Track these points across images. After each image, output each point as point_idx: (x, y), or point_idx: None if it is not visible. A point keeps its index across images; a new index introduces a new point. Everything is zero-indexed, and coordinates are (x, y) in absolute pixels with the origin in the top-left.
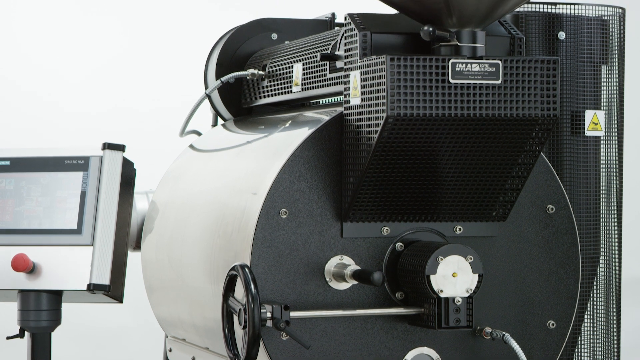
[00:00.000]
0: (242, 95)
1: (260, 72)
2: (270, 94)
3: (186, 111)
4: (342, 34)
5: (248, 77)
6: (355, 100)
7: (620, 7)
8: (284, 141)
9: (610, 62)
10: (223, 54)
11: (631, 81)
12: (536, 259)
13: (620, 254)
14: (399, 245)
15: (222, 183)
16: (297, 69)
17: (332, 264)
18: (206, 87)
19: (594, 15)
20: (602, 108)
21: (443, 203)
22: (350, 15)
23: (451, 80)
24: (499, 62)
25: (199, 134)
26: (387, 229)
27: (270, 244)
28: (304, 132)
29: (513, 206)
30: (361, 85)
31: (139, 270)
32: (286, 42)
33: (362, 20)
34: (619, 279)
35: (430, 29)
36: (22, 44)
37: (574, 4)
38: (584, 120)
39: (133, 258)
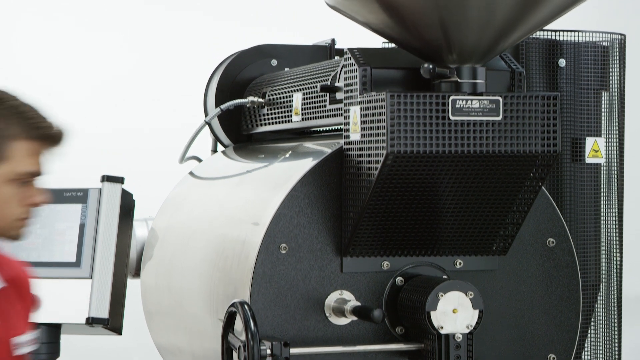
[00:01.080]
0: (242, 122)
1: (260, 100)
2: (270, 122)
3: (185, 133)
4: (342, 66)
5: (248, 105)
6: (355, 136)
7: (621, 34)
8: (284, 174)
9: (611, 88)
10: (223, 80)
11: (632, 107)
12: (537, 292)
13: (620, 281)
14: (399, 279)
15: (221, 213)
16: (297, 99)
17: (332, 299)
18: (206, 111)
19: (594, 42)
20: (602, 135)
21: (443, 238)
22: (350, 50)
23: (451, 117)
24: (499, 98)
25: (199, 160)
26: (387, 264)
27: (270, 279)
28: (303, 166)
29: (514, 240)
30: (361, 121)
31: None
32: (286, 69)
33: (362, 55)
34: (620, 305)
35: (431, 66)
36: (22, 64)
37: (575, 31)
38: (584, 147)
39: (133, 284)
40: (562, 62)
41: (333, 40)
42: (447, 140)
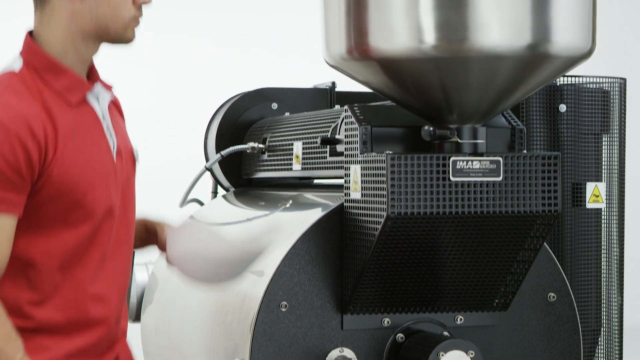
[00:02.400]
0: (242, 166)
1: (260, 146)
2: (271, 168)
3: (185, 169)
4: (342, 118)
5: (248, 151)
6: (355, 194)
7: (621, 78)
8: (284, 230)
9: (612, 132)
10: (223, 123)
11: (632, 151)
12: (537, 347)
13: (621, 326)
14: (399, 336)
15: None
16: (298, 147)
17: (332, 357)
18: (206, 153)
19: (594, 87)
20: (603, 180)
21: (444, 294)
22: (350, 108)
23: (452, 178)
24: (500, 159)
25: (200, 203)
26: (387, 320)
27: (271, 337)
28: (304, 222)
29: (514, 296)
30: (362, 180)
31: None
32: (286, 113)
33: (362, 113)
34: (620, 348)
35: (431, 129)
36: None
37: (575, 76)
38: (585, 192)
39: (133, 329)
40: (563, 107)
41: (333, 84)
42: (448, 202)
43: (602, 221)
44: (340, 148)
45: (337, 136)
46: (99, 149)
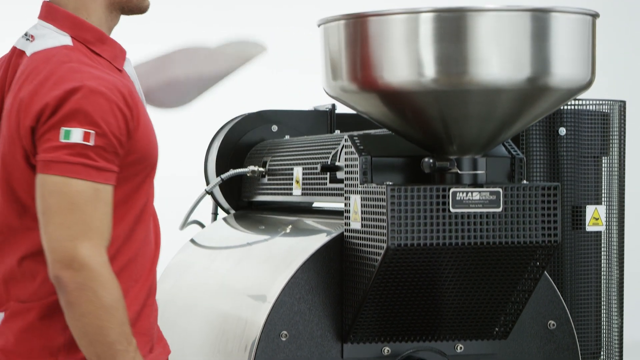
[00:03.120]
0: (242, 189)
1: (261, 169)
2: (271, 192)
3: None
4: (342, 146)
5: (248, 175)
6: (355, 225)
7: (621, 100)
8: (284, 259)
9: (611, 154)
10: (223, 146)
11: (632, 173)
12: None
13: (621, 349)
14: None
15: (223, 291)
16: (298, 173)
17: None
18: (206, 175)
19: (594, 110)
20: (602, 202)
21: (444, 323)
22: (350, 138)
23: (452, 210)
24: (500, 189)
25: (201, 225)
26: (387, 349)
27: None
28: (304, 251)
29: (514, 324)
30: (362, 211)
31: None
32: (286, 136)
33: (362, 142)
34: None
35: (431, 160)
36: None
37: (574, 99)
38: (584, 215)
39: None
40: (562, 131)
41: (333, 106)
42: (448, 233)
43: (602, 244)
44: (340, 175)
45: (337, 163)
46: (146, 109)
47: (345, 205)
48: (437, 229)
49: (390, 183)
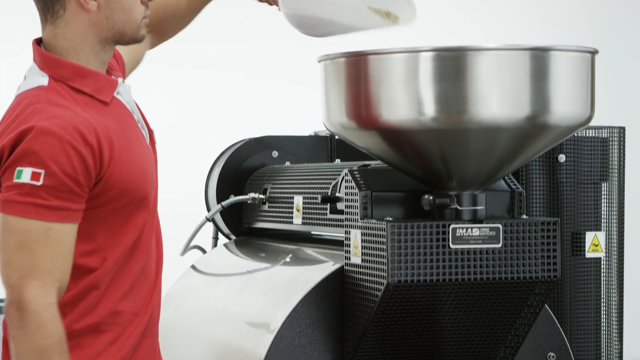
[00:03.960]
0: (243, 215)
1: (261, 196)
2: (271, 220)
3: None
4: (343, 177)
5: (249, 202)
6: (356, 259)
7: (620, 126)
8: (285, 291)
9: (611, 180)
10: (224, 172)
11: (631, 199)
12: None
13: None
14: None
15: (224, 322)
16: (298, 202)
17: None
18: (207, 201)
19: (593, 136)
20: (602, 229)
21: (444, 357)
22: (351, 172)
23: (452, 246)
24: (499, 225)
25: (203, 251)
26: None
27: None
28: (304, 284)
29: (514, 357)
30: (362, 246)
31: None
32: (287, 162)
33: (362, 177)
34: None
35: (431, 198)
36: None
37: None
38: (584, 241)
39: None
40: (562, 158)
41: None
42: (448, 269)
43: (602, 270)
44: (340, 206)
45: (337, 194)
46: (141, 142)
47: (346, 239)
48: (437, 265)
49: (391, 219)
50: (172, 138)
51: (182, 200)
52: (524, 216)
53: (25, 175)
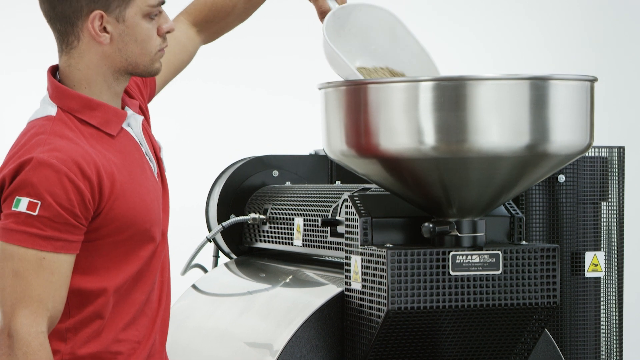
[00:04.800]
0: (243, 234)
1: (262, 217)
2: (272, 240)
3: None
4: (343, 200)
5: (249, 222)
6: (356, 285)
7: (619, 146)
8: (285, 315)
9: (610, 199)
10: (224, 192)
11: (630, 218)
12: None
13: None
14: None
15: (225, 344)
16: (298, 224)
17: None
18: (207, 221)
19: (593, 156)
20: (601, 248)
21: None
22: (351, 198)
23: (452, 273)
24: (499, 252)
25: (204, 270)
26: None
27: None
28: (305, 308)
29: None
30: (362, 272)
31: None
32: (287, 182)
33: (363, 203)
34: None
35: (431, 225)
36: None
37: None
38: (584, 261)
39: None
40: (562, 178)
41: None
42: (447, 296)
43: (602, 290)
44: (341, 229)
45: (337, 217)
46: (146, 175)
47: (346, 264)
48: (437, 292)
49: (391, 245)
50: (173, 152)
51: (182, 215)
52: (524, 242)
53: (22, 204)
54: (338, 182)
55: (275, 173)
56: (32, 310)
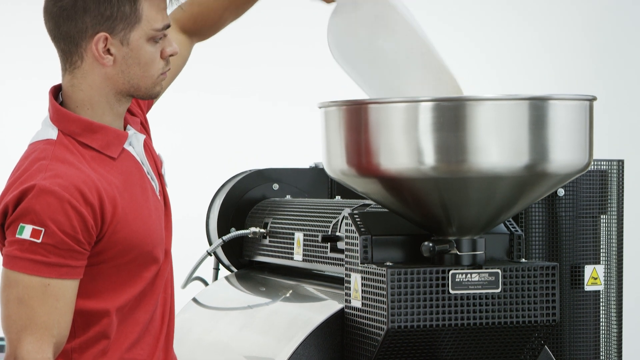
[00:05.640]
0: (244, 247)
1: (262, 231)
2: (272, 254)
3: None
4: (343, 217)
5: (250, 236)
6: (356, 303)
7: (619, 159)
8: (286, 332)
9: (609, 213)
10: (224, 205)
11: (630, 232)
12: None
13: None
14: None
15: (225, 358)
16: (299, 239)
17: None
18: (208, 234)
19: (592, 169)
20: (601, 262)
21: None
22: (351, 216)
23: (451, 291)
24: (499, 271)
25: (205, 283)
26: None
27: None
28: (305, 325)
29: None
30: (362, 290)
31: None
32: (287, 196)
33: (363, 221)
34: None
35: (430, 245)
36: None
37: None
38: (583, 274)
39: None
40: (561, 192)
41: None
42: (447, 314)
43: (601, 303)
44: (341, 245)
45: (337, 233)
46: (147, 196)
47: (346, 282)
48: (437, 310)
49: (391, 264)
50: (174, 164)
51: (182, 227)
52: (523, 260)
53: (26, 232)
54: (338, 197)
55: (276, 186)
56: (37, 337)
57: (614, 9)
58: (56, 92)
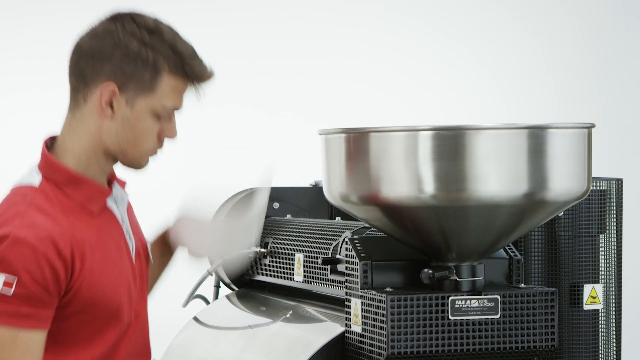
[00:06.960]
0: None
1: (262, 250)
2: (272, 274)
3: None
4: (343, 239)
5: (250, 256)
6: (356, 327)
7: (618, 178)
8: (287, 355)
9: (608, 232)
10: None
11: (629, 251)
12: None
13: None
14: None
15: None
16: (299, 260)
17: None
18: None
19: (591, 188)
20: (600, 281)
21: None
22: (351, 241)
23: (451, 317)
24: (498, 296)
25: (206, 301)
26: None
27: None
28: (306, 348)
29: None
30: (362, 315)
31: None
32: (288, 215)
33: (363, 246)
34: None
35: (430, 272)
36: None
37: None
38: (582, 293)
39: None
40: (560, 212)
41: None
42: (447, 340)
43: (600, 322)
44: (341, 268)
45: (337, 256)
46: (122, 255)
47: (346, 306)
48: (437, 337)
49: (391, 289)
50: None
51: None
52: (522, 285)
53: None
54: (338, 219)
55: (276, 205)
56: None
57: (615, 28)
58: (50, 142)
